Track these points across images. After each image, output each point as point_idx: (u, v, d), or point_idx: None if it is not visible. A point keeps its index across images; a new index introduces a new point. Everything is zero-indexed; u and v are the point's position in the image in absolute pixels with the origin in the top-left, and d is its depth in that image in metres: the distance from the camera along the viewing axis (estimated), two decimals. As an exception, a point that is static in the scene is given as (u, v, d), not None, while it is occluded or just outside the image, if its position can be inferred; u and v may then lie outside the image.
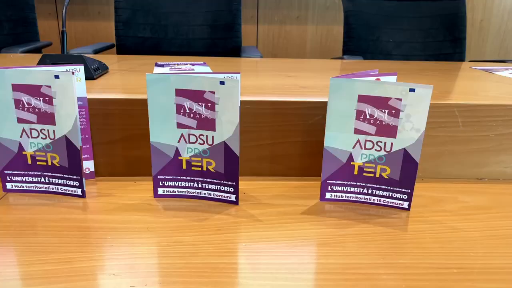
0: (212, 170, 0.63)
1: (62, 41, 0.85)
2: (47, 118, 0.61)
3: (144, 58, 1.23)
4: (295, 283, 0.46)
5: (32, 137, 0.63)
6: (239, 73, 0.64)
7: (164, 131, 0.62)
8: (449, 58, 1.79)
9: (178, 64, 1.12)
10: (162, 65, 1.09)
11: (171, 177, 0.64)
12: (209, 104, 0.60)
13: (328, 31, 2.68)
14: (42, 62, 0.84)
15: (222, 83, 0.58)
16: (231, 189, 0.63)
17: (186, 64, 1.13)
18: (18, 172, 0.65)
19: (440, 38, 1.80)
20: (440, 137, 0.73)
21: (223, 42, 1.74)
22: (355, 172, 0.63)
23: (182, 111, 0.61)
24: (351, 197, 0.65)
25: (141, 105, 0.70)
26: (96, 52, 1.53)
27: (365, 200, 0.65)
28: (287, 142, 0.73)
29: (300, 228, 0.58)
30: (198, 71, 1.03)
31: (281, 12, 2.61)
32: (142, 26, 1.69)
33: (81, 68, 0.67)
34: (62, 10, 2.45)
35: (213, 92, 0.59)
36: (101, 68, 0.92)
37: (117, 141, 0.72)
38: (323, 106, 0.72)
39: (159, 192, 0.65)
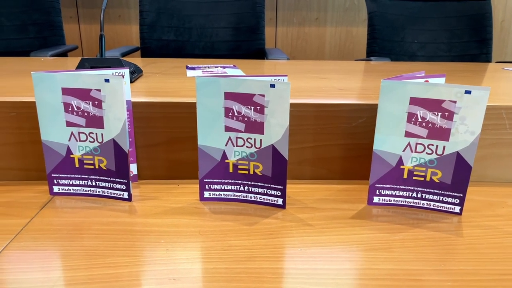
0: (259, 174, 0.63)
1: (100, 45, 0.86)
2: (96, 122, 0.61)
3: (172, 61, 1.23)
4: (359, 289, 0.45)
5: (80, 141, 0.63)
6: (286, 75, 0.63)
7: (211, 134, 0.62)
8: (475, 59, 1.76)
9: (209, 67, 1.12)
10: (193, 68, 1.09)
11: (217, 180, 0.64)
12: (258, 107, 0.59)
13: (347, 33, 2.66)
14: (81, 66, 0.84)
15: (272, 86, 0.57)
16: (278, 193, 0.63)
17: (217, 66, 1.13)
18: (65, 176, 0.65)
19: (466, 38, 1.77)
20: (486, 140, 0.72)
21: (246, 44, 1.74)
22: (405, 176, 0.62)
23: (230, 114, 0.60)
24: (399, 201, 0.64)
25: (184, 108, 0.69)
26: (123, 55, 1.54)
27: (414, 204, 0.64)
28: (329, 145, 0.72)
29: (352, 233, 0.57)
30: (231, 74, 1.03)
31: (300, 14, 2.60)
32: (167, 29, 1.70)
33: (126, 72, 0.67)
34: (82, 14, 2.48)
35: (263, 95, 0.58)
36: (137, 71, 0.92)
37: (160, 144, 0.71)
38: (367, 108, 0.71)
39: (205, 196, 0.65)
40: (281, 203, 0.63)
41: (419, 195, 0.63)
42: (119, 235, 0.55)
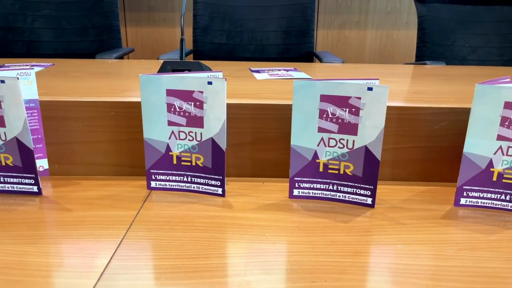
0: (349, 173, 0.65)
1: (181, 49, 0.90)
2: (196, 122, 0.65)
3: (231, 64, 1.27)
4: (473, 286, 0.47)
5: (179, 139, 0.67)
6: (377, 79, 0.66)
7: (304, 135, 0.65)
8: (527, 64, 1.74)
9: (272, 70, 1.15)
10: (258, 71, 1.13)
11: (307, 179, 0.67)
12: (353, 109, 0.62)
13: (387, 36, 2.65)
14: (163, 69, 0.89)
15: (370, 89, 0.60)
16: (368, 192, 0.65)
17: (280, 70, 1.16)
18: (163, 172, 0.69)
19: (518, 43, 1.75)
20: None
21: (296, 48, 1.77)
22: (494, 178, 0.64)
23: (324, 116, 0.63)
24: (487, 203, 0.65)
25: (272, 110, 0.73)
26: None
27: (501, 206, 0.65)
28: (410, 147, 0.74)
29: (446, 232, 0.58)
30: (297, 76, 1.06)
31: (341, 17, 2.61)
32: (219, 33, 1.75)
33: (220, 75, 0.71)
34: (129, 17, 2.56)
35: (359, 98, 0.61)
36: (212, 74, 0.96)
37: (246, 144, 0.75)
38: (449, 112, 0.72)
39: (294, 193, 0.68)
40: (370, 203, 0.66)
41: (507, 198, 0.64)
42: (225, 228, 0.58)
